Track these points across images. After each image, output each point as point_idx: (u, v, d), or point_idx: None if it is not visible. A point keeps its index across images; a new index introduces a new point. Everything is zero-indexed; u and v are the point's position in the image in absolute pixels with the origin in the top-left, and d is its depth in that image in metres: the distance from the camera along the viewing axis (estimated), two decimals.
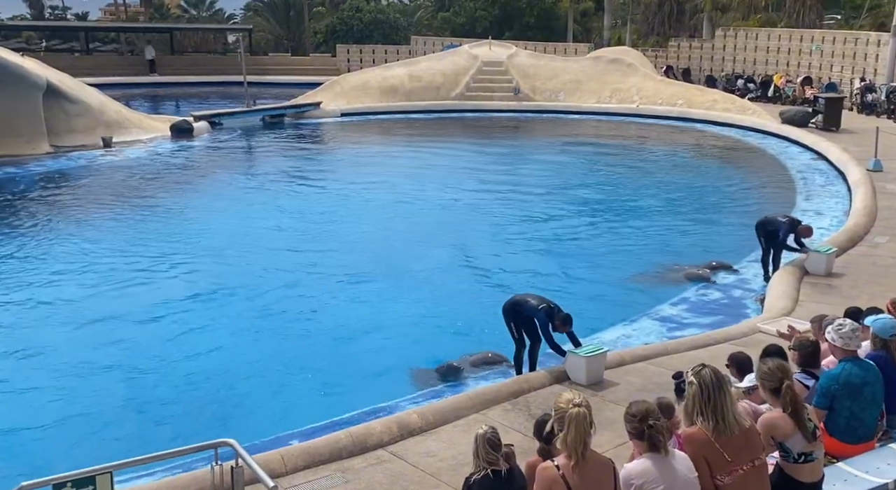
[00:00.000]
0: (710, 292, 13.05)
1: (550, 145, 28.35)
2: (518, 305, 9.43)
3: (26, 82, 24.55)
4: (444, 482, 6.72)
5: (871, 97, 30.71)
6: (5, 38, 45.11)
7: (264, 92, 37.93)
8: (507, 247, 15.96)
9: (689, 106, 31.74)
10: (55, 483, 4.76)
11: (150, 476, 7.32)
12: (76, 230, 17.36)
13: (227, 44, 53.28)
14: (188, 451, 5.62)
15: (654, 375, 8.88)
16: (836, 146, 23.33)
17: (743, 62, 38.61)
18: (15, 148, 24.10)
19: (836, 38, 35.39)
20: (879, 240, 14.81)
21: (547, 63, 36.20)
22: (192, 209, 19.39)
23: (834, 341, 5.90)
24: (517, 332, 9.53)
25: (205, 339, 11.57)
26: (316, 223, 17.92)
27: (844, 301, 10.38)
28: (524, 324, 9.44)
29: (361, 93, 34.35)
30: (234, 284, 13.82)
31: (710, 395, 4.59)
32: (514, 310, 9.47)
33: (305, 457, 7.26)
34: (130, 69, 43.57)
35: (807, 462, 4.95)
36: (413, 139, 29.42)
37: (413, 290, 13.58)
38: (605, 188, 21.97)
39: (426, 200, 20.00)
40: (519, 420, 7.96)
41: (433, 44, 43.90)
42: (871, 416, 5.85)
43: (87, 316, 12.40)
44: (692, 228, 17.52)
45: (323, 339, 11.54)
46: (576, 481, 4.26)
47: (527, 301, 9.36)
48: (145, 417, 9.39)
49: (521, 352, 9.61)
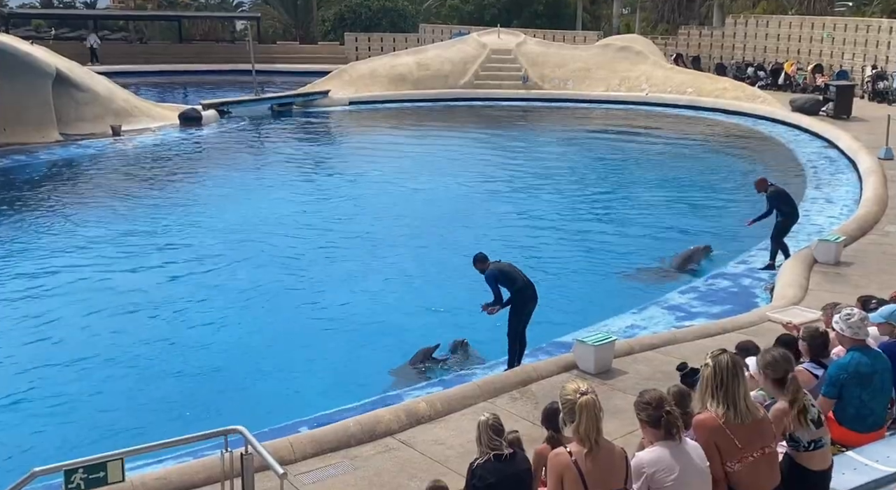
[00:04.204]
0: (718, 281, 13.01)
1: (559, 134, 28.27)
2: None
3: (36, 70, 24.58)
4: (452, 469, 6.74)
5: (883, 85, 30.49)
6: (14, 27, 45.08)
7: (272, 80, 37.88)
8: (516, 235, 15.93)
9: (699, 94, 31.56)
10: (66, 469, 4.79)
11: (160, 463, 7.36)
12: (86, 218, 17.41)
13: (235, 32, 53.18)
14: (198, 438, 5.64)
15: (663, 364, 8.87)
16: (846, 134, 23.18)
17: (753, 50, 38.34)
18: (25, 136, 24.16)
19: (847, 26, 35.10)
20: (890, 228, 14.72)
21: (556, 51, 36.03)
22: (201, 197, 19.42)
23: (843, 331, 5.87)
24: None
25: (214, 328, 11.62)
26: (324, 212, 17.93)
27: (854, 290, 10.34)
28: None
29: (370, 81, 34.28)
30: (244, 272, 13.86)
31: (724, 380, 4.57)
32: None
33: (314, 444, 7.29)
34: (139, 57, 43.55)
35: (817, 449, 4.94)
36: (421, 128, 29.36)
37: (421, 278, 13.60)
38: (613, 176, 21.91)
39: (434, 189, 19.97)
40: (527, 408, 7.97)
41: (441, 32, 43.72)
42: (881, 404, 5.83)
43: (97, 303, 12.45)
44: (701, 217, 17.46)
45: (333, 328, 11.57)
46: (588, 468, 4.26)
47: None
48: (156, 405, 9.43)
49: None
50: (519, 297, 9.59)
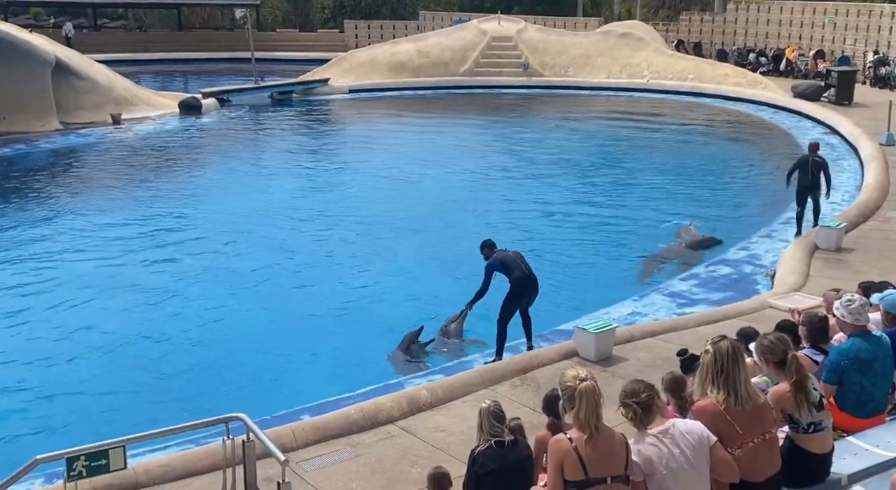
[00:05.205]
0: (720, 268, 13.00)
1: (560, 121, 28.19)
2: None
3: (35, 59, 24.51)
4: (454, 456, 6.76)
5: (885, 70, 30.39)
6: (14, 15, 44.91)
7: (272, 68, 37.77)
8: (516, 222, 15.91)
9: (700, 80, 31.46)
10: (69, 457, 4.80)
11: (162, 450, 7.38)
12: (86, 207, 17.41)
13: (234, 20, 52.93)
14: (200, 426, 5.65)
15: (663, 351, 8.87)
16: (848, 120, 23.12)
17: (755, 36, 38.18)
18: (25, 125, 24.13)
19: (849, 11, 34.91)
20: (891, 214, 14.71)
21: (556, 38, 35.88)
22: (201, 186, 19.41)
23: (843, 317, 5.87)
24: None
25: (215, 315, 11.62)
26: (323, 200, 17.91)
27: (855, 276, 10.34)
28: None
29: (370, 69, 34.18)
30: (244, 260, 13.86)
31: (724, 366, 4.59)
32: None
33: (316, 431, 7.32)
34: (139, 46, 43.43)
35: (817, 431, 4.95)
36: (421, 115, 29.28)
37: (421, 266, 13.59)
38: (614, 164, 21.87)
39: (434, 177, 19.95)
40: (527, 395, 7.99)
41: (442, 19, 43.56)
42: (882, 390, 5.84)
43: (98, 291, 12.46)
44: (702, 204, 17.42)
45: (335, 315, 11.58)
46: (589, 454, 4.27)
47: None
48: (158, 392, 9.45)
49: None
50: (514, 286, 9.62)
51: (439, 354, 10.29)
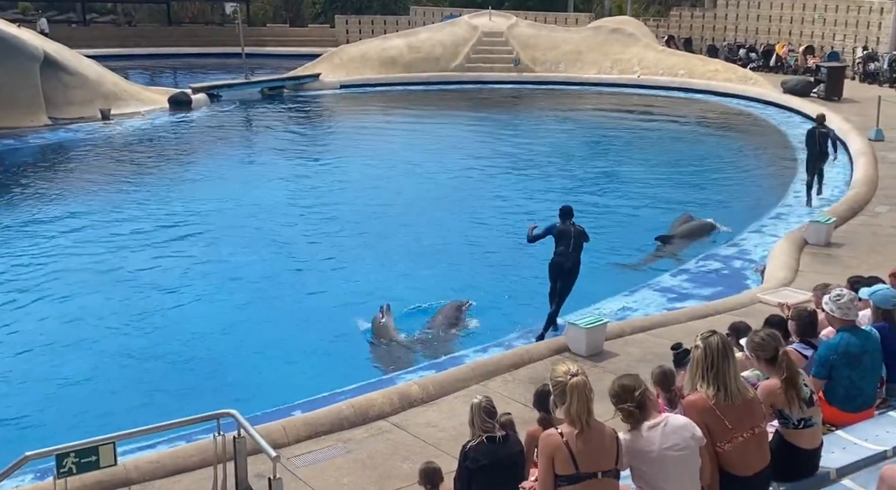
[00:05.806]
0: (710, 263, 13.04)
1: (551, 117, 28.21)
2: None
3: (23, 54, 24.36)
4: (445, 452, 6.77)
5: (874, 66, 30.50)
6: (2, 9, 44.61)
7: (263, 63, 37.65)
8: (507, 217, 15.92)
9: (691, 76, 31.53)
10: (58, 453, 4.79)
11: (152, 447, 7.36)
12: (75, 202, 17.34)
13: (224, 15, 52.66)
14: (190, 422, 5.64)
15: (654, 346, 8.90)
16: (837, 116, 23.15)
17: (745, 31, 38.26)
18: (13, 120, 23.98)
19: (838, 6, 34.99)
20: (880, 209, 14.78)
21: (547, 33, 35.88)
22: (192, 181, 19.35)
23: (832, 312, 5.89)
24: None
25: (206, 311, 11.59)
26: (314, 196, 17.88)
27: (845, 271, 10.38)
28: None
29: (360, 64, 34.12)
30: (235, 256, 13.83)
31: (714, 362, 4.61)
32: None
33: (307, 427, 7.31)
34: (128, 41, 43.20)
35: (806, 427, 4.97)
36: (412, 111, 29.25)
37: (413, 261, 13.59)
38: (605, 159, 21.89)
39: (425, 172, 19.93)
40: (519, 391, 8.00)
41: (433, 14, 43.50)
42: (871, 384, 5.86)
43: (87, 287, 12.42)
44: (692, 199, 17.45)
45: (326, 311, 11.57)
46: (579, 448, 4.28)
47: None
48: (148, 389, 9.42)
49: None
50: (553, 257, 10.19)
51: (434, 345, 10.30)
